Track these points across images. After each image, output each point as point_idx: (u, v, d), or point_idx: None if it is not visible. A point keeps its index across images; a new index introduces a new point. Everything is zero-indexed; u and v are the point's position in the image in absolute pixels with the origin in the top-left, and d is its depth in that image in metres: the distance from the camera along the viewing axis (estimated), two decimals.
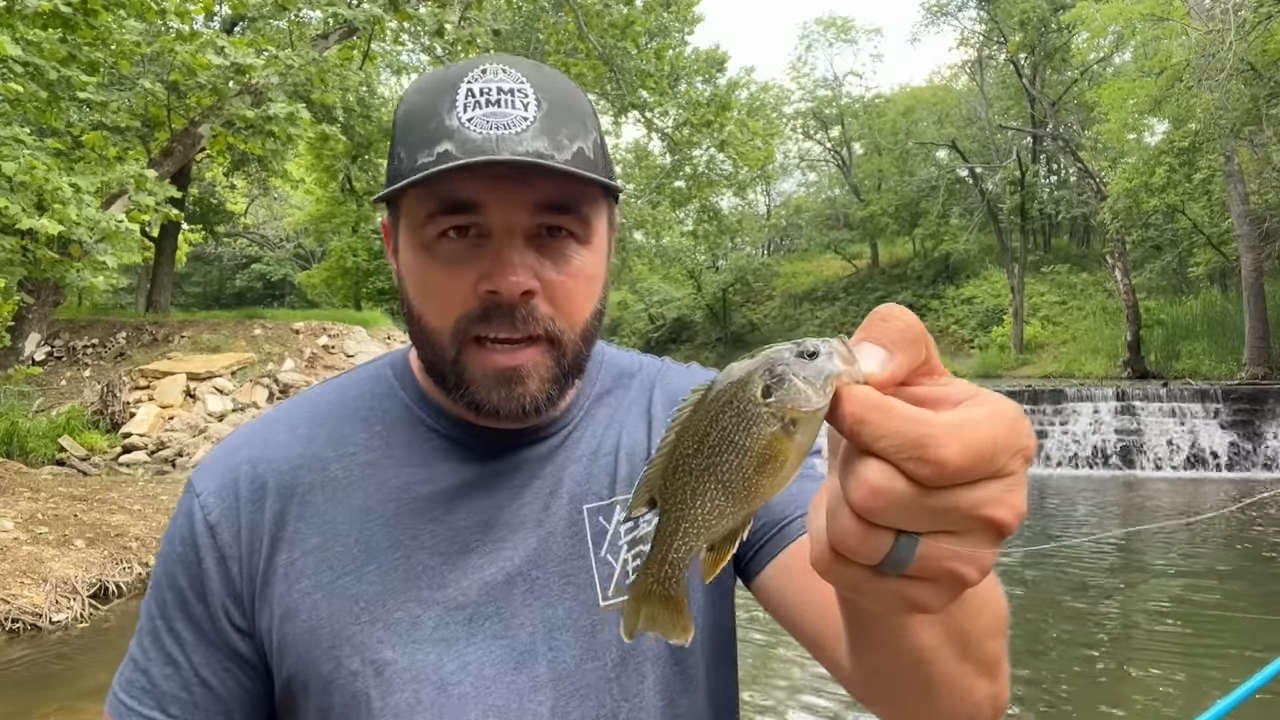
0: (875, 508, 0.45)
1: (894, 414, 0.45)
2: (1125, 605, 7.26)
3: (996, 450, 0.44)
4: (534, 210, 0.86)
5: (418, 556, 0.90)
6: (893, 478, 0.44)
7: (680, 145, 23.01)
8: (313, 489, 0.92)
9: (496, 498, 0.94)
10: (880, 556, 0.46)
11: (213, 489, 0.93)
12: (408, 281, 0.91)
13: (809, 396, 0.48)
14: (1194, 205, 22.22)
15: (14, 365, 11.08)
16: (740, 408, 0.50)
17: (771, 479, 0.51)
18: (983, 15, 32.29)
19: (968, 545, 0.47)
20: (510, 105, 0.85)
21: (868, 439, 0.45)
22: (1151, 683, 5.44)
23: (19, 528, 7.53)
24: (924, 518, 0.45)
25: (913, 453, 0.44)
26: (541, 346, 0.88)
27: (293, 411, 1.00)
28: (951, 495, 0.44)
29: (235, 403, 13.27)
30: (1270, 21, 16.02)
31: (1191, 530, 9.96)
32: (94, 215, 8.61)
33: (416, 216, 0.88)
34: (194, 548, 0.90)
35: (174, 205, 11.50)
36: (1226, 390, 14.36)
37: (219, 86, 10.97)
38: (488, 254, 0.86)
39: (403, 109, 0.90)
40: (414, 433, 0.96)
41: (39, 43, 8.52)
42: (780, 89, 42.00)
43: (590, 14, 17.05)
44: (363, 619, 0.87)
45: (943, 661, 0.65)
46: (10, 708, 5.16)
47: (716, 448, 0.52)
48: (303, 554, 0.89)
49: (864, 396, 0.46)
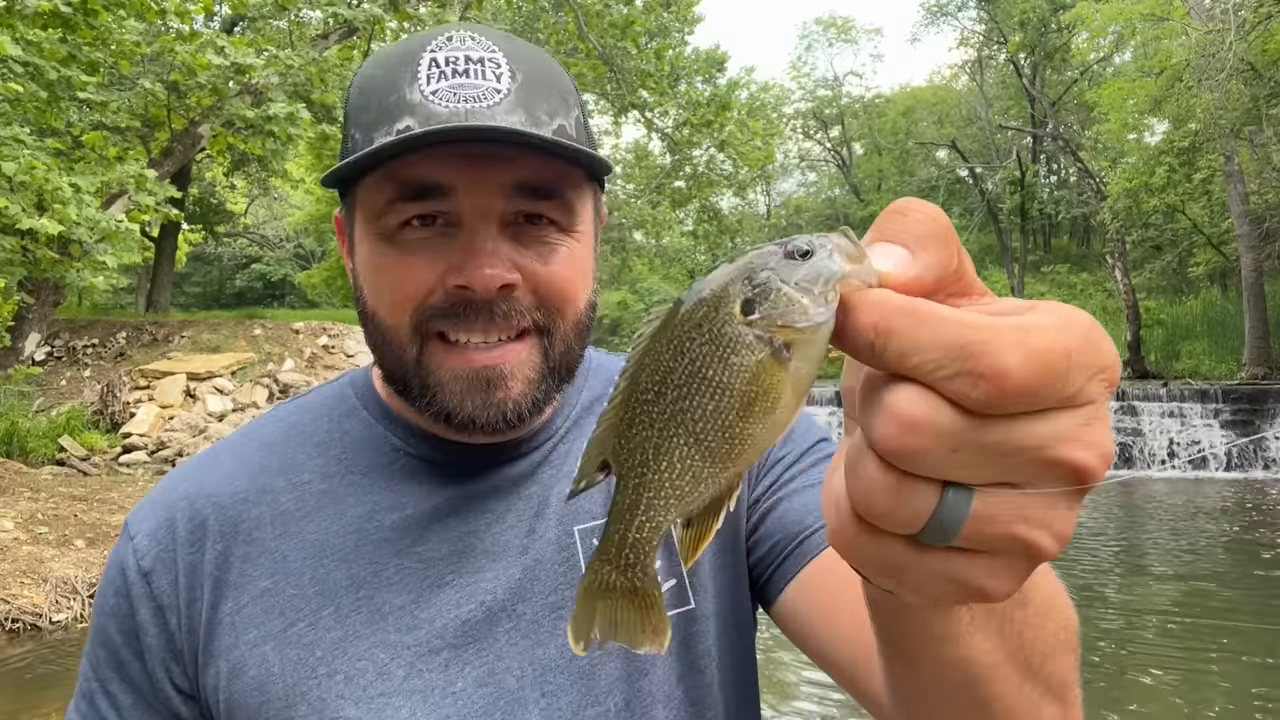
0: (911, 448, 0.33)
1: (930, 317, 0.34)
2: (1125, 609, 7.26)
3: (1071, 365, 0.33)
4: (510, 194, 0.74)
5: (383, 595, 0.77)
6: (933, 404, 0.33)
7: (680, 145, 23.01)
8: (260, 524, 0.80)
9: (473, 523, 0.81)
10: (921, 519, 0.35)
11: (147, 531, 0.81)
12: (363, 276, 0.79)
13: (805, 308, 0.37)
14: (1194, 205, 22.22)
15: (14, 365, 11.09)
16: (714, 331, 0.38)
17: (761, 425, 0.39)
18: (983, 15, 32.29)
19: (1043, 502, 0.35)
20: (480, 75, 0.73)
21: (896, 355, 0.34)
22: (1150, 688, 5.44)
23: (19, 528, 7.53)
24: (977, 461, 0.33)
25: (960, 365, 0.32)
26: (528, 341, 0.76)
27: (241, 439, 0.88)
28: (1014, 428, 0.33)
29: (235, 403, 13.27)
30: (1270, 21, 16.02)
31: (1191, 534, 9.96)
32: (94, 215, 8.61)
33: (374, 204, 0.75)
34: (127, 599, 0.79)
35: (174, 205, 11.50)
36: (1226, 390, 14.35)
37: (219, 86, 10.97)
38: (457, 244, 0.74)
39: (357, 84, 0.79)
40: (378, 454, 0.84)
41: (39, 43, 8.52)
42: (780, 89, 42.01)
43: (590, 14, 17.05)
44: (320, 671, 0.74)
45: (1002, 682, 0.50)
46: (10, 707, 5.16)
47: (685, 388, 0.39)
48: (250, 600, 0.77)
49: (885, 300, 0.35)
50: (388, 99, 0.74)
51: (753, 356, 0.38)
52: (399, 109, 0.72)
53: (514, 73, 0.74)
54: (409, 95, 0.73)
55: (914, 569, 0.36)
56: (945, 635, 0.48)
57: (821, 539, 0.80)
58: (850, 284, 0.36)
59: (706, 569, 0.85)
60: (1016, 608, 0.49)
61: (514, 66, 0.75)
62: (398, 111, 0.72)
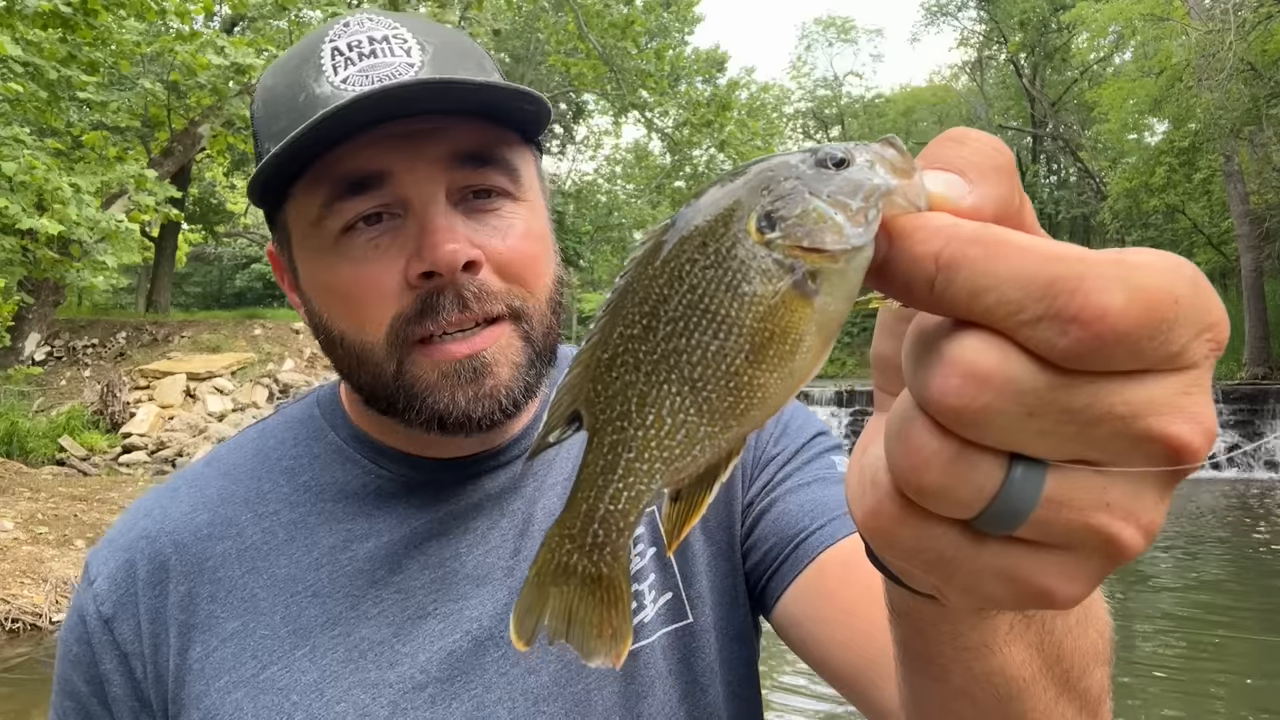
0: (978, 408, 0.27)
1: (1008, 247, 0.28)
2: (1125, 608, 7.26)
3: (1178, 315, 0.27)
4: (450, 165, 0.69)
5: (361, 631, 0.72)
6: (1008, 355, 0.27)
7: (680, 145, 22.99)
8: (226, 560, 0.75)
9: (453, 546, 0.76)
10: (983, 499, 0.28)
11: (107, 574, 0.76)
12: (318, 299, 0.73)
13: (840, 227, 0.30)
14: (1194, 205, 22.23)
15: (14, 365, 11.09)
16: (721, 252, 0.31)
17: (775, 374, 0.31)
18: (983, 15, 32.30)
19: (1128, 485, 0.28)
20: (389, 53, 0.69)
21: (965, 294, 0.28)
22: (1151, 690, 5.44)
23: (19, 528, 7.54)
24: (1057, 429, 0.27)
25: (1045, 306, 0.26)
26: (505, 325, 0.71)
27: (203, 469, 0.83)
28: (1104, 389, 0.27)
29: (235, 403, 13.28)
30: (1270, 21, 16.02)
31: (1191, 534, 9.96)
32: (94, 215, 8.61)
33: (309, 213, 0.70)
34: (89, 648, 0.74)
35: (174, 205, 11.50)
36: (1226, 390, 14.35)
37: (219, 86, 10.97)
38: (409, 231, 0.68)
39: (259, 99, 0.74)
40: (348, 478, 0.78)
41: (39, 43, 8.52)
42: (780, 89, 42.02)
43: (590, 14, 17.05)
44: (296, 717, 0.69)
45: (1037, 698, 0.45)
46: (10, 707, 5.16)
47: (681, 323, 0.31)
48: (220, 643, 0.72)
49: (950, 225, 0.29)
50: (296, 100, 0.69)
51: (769, 286, 0.30)
52: (310, 106, 0.67)
53: (423, 45, 0.71)
54: (318, 89, 0.68)
55: (966, 563, 0.30)
56: (979, 645, 0.42)
57: (820, 540, 0.75)
58: (895, 203, 0.30)
59: (704, 579, 0.81)
60: (1058, 615, 0.44)
61: (421, 39, 0.71)
62: (309, 109, 0.67)
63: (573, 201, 27.39)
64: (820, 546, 0.75)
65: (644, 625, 0.77)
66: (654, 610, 0.78)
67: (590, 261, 30.12)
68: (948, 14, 34.19)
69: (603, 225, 28.32)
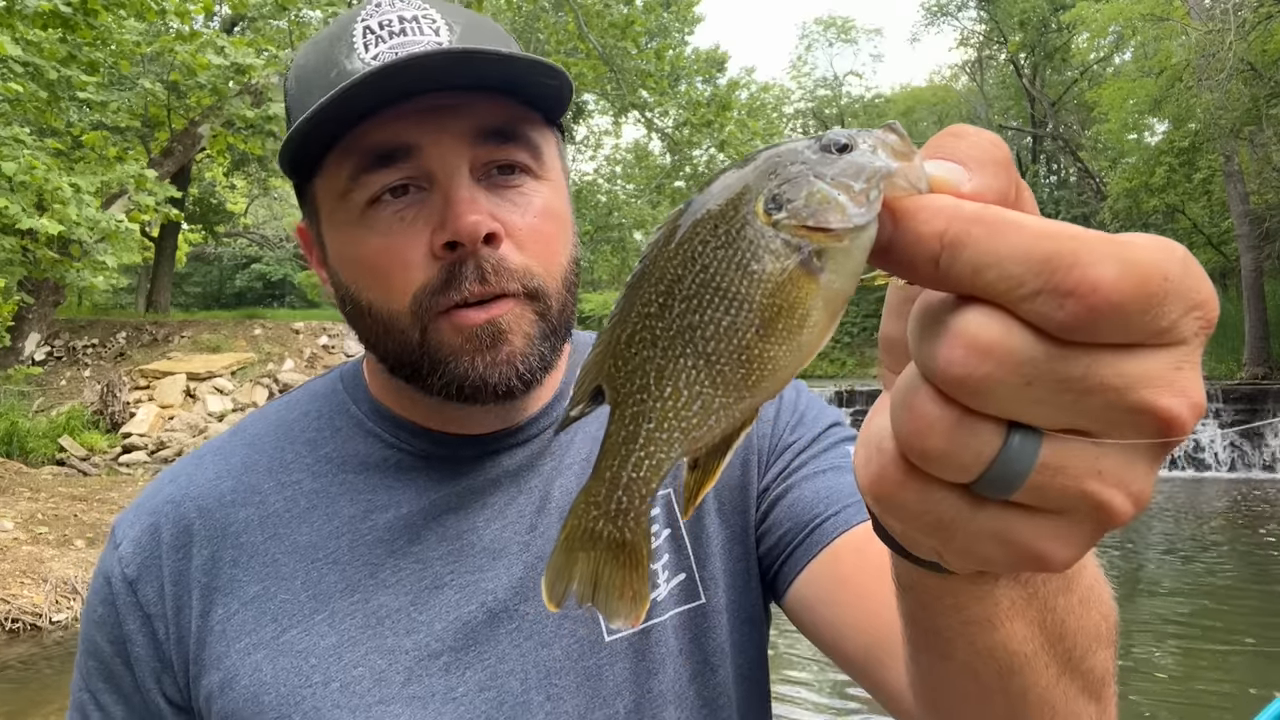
0: (980, 377, 0.29)
1: (1008, 225, 0.29)
2: (1125, 610, 7.26)
3: (1169, 291, 0.29)
4: (474, 140, 0.72)
5: (379, 598, 0.74)
6: (1008, 327, 0.29)
7: (680, 145, 22.99)
8: (249, 527, 0.77)
9: (471, 520, 0.78)
10: (982, 464, 0.30)
11: (132, 538, 0.78)
12: (345, 271, 0.75)
13: (843, 207, 0.32)
14: (1194, 205, 22.23)
15: (14, 365, 11.09)
16: (732, 233, 0.33)
17: (784, 347, 0.33)
18: (983, 15, 32.30)
19: (1120, 456, 0.30)
20: (418, 31, 0.72)
21: (968, 270, 0.29)
22: (1151, 689, 5.44)
23: (19, 528, 7.54)
24: (1053, 398, 0.29)
25: (1044, 281, 0.28)
26: (518, 300, 0.73)
27: (228, 439, 0.85)
28: (1098, 361, 0.29)
29: (235, 403, 13.28)
30: (1270, 21, 16.02)
31: (1191, 533, 9.96)
32: (94, 215, 8.62)
33: (337, 184, 0.72)
34: (113, 609, 0.76)
35: (174, 205, 11.51)
36: (1226, 390, 14.35)
37: (219, 86, 10.97)
38: (434, 204, 0.71)
39: (293, 75, 0.76)
40: (370, 451, 0.80)
41: (39, 43, 8.52)
42: (780, 89, 42.02)
43: (590, 14, 17.05)
44: (315, 679, 0.71)
45: (1040, 673, 0.46)
46: (10, 707, 5.16)
47: (695, 300, 0.34)
48: (240, 606, 0.74)
49: (952, 205, 0.30)
50: (328, 76, 0.71)
51: (778, 264, 0.32)
52: (341, 81, 0.69)
53: (451, 26, 0.73)
54: (350, 65, 0.70)
55: (964, 525, 0.32)
56: (982, 619, 0.43)
57: (834, 526, 0.76)
58: (897, 185, 0.32)
59: (718, 561, 0.82)
60: (1060, 594, 0.45)
61: (449, 20, 0.74)
62: (340, 84, 0.68)
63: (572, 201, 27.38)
64: (835, 532, 0.76)
65: (657, 604, 0.79)
66: (667, 590, 0.80)
67: (590, 261, 30.14)
68: (948, 14, 34.19)
69: (603, 225, 28.33)
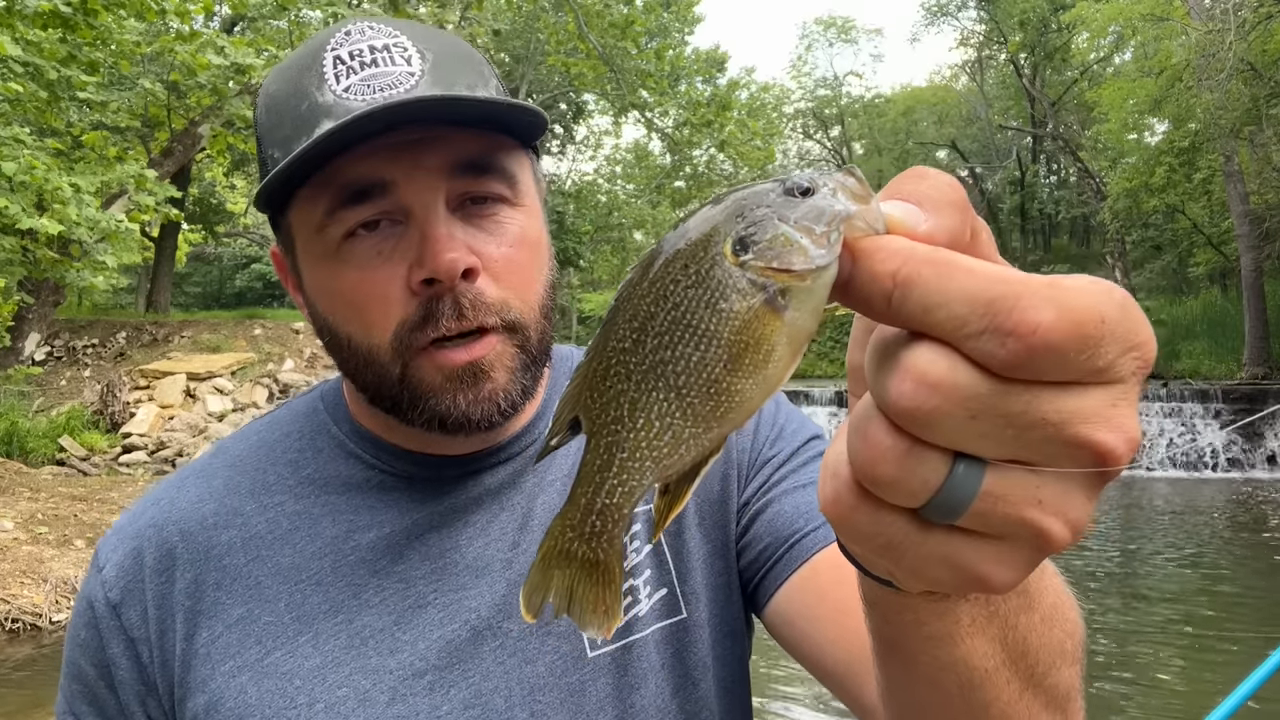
0: (928, 410, 0.31)
1: (956, 268, 0.31)
2: (1124, 609, 7.26)
3: (1105, 333, 0.30)
4: (449, 174, 0.71)
5: (362, 618, 0.75)
6: (954, 364, 0.31)
7: (680, 145, 23.00)
8: (232, 549, 0.77)
9: (454, 538, 0.78)
10: (928, 491, 0.32)
11: (115, 562, 0.78)
12: (322, 303, 0.75)
13: (805, 249, 0.33)
14: (1194, 205, 22.23)
15: (14, 365, 11.09)
16: (701, 273, 0.35)
17: (750, 380, 0.35)
18: (983, 15, 32.31)
19: (1058, 485, 0.32)
20: (389, 62, 0.71)
21: (918, 309, 0.31)
22: (1149, 689, 5.44)
23: (19, 528, 7.54)
24: (995, 431, 0.31)
25: (988, 321, 0.30)
26: (499, 335, 0.73)
27: (209, 460, 0.85)
28: (1038, 397, 0.31)
29: (235, 403, 13.28)
30: (1270, 21, 16.03)
31: (1190, 533, 9.96)
32: (94, 215, 8.62)
33: (312, 219, 0.72)
34: (97, 633, 0.76)
35: (174, 205, 11.51)
36: (1226, 390, 14.35)
37: (219, 86, 10.97)
38: (411, 239, 0.71)
39: (263, 104, 0.76)
40: (352, 472, 0.81)
41: (39, 43, 8.52)
42: (780, 89, 42.02)
43: (590, 14, 17.05)
44: (299, 701, 0.71)
45: (1002, 688, 0.48)
46: (10, 708, 5.16)
47: (667, 336, 0.35)
48: (225, 628, 0.74)
49: (905, 247, 0.32)
50: (299, 108, 0.71)
51: (744, 302, 0.34)
52: (314, 115, 0.70)
53: (423, 54, 0.72)
54: (320, 98, 0.70)
55: (913, 548, 0.34)
56: (942, 635, 0.45)
57: (814, 542, 0.77)
58: (856, 227, 0.34)
59: (699, 576, 0.83)
60: (1022, 612, 0.47)
61: (421, 47, 0.73)
62: (313, 117, 0.69)
63: (573, 201, 27.35)
64: (814, 548, 0.77)
65: (638, 619, 0.80)
66: (649, 605, 0.81)
67: (590, 261, 30.11)
68: (948, 14, 34.19)
69: (603, 225, 28.31)
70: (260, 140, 0.76)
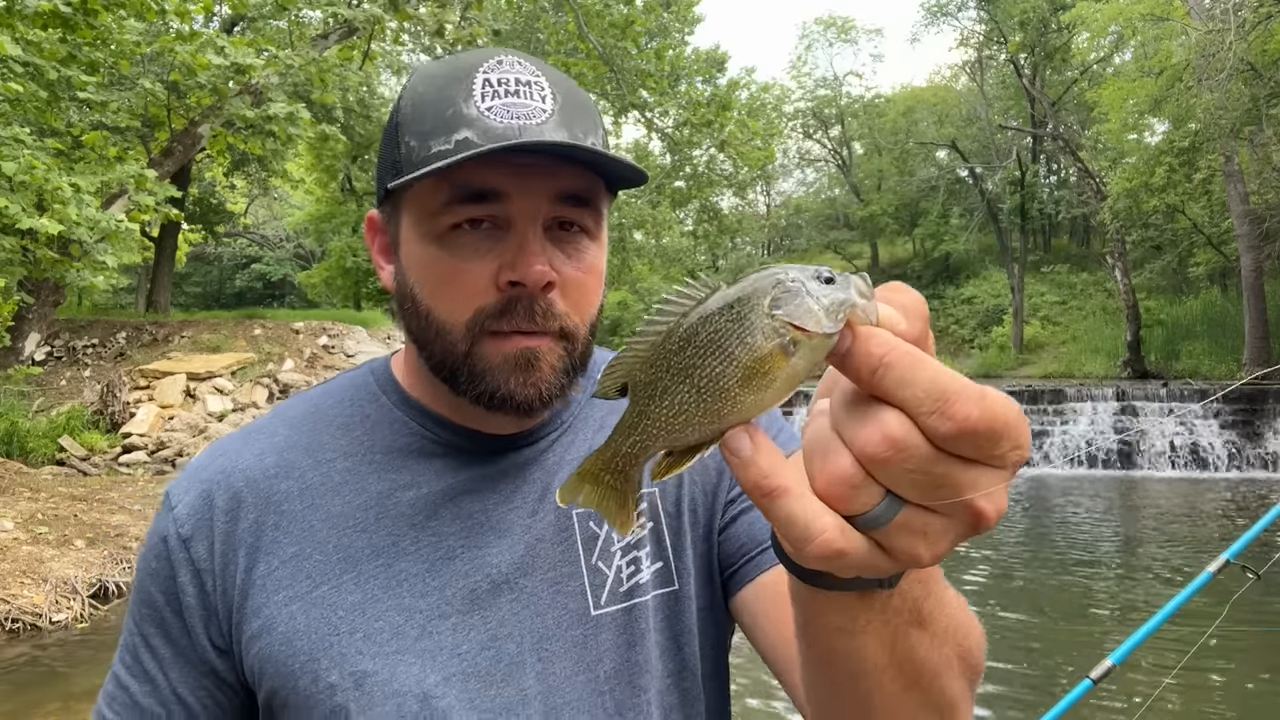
0: (885, 460, 0.43)
1: (925, 363, 0.43)
2: (1123, 606, 7.25)
3: (1007, 430, 0.42)
4: (554, 201, 0.84)
5: (399, 564, 0.86)
6: (911, 431, 0.42)
7: (680, 145, 23.00)
8: (289, 496, 0.88)
9: (482, 502, 0.90)
10: (861, 510, 0.45)
11: (187, 503, 0.89)
12: (414, 275, 0.87)
13: (819, 319, 0.45)
14: (1194, 205, 22.23)
15: (14, 365, 11.09)
16: (741, 313, 0.47)
17: (752, 396, 0.48)
18: (983, 15, 32.28)
19: (941, 528, 0.45)
20: (529, 96, 0.83)
21: (893, 384, 0.43)
22: (1148, 689, 5.44)
23: (19, 528, 7.54)
24: (921, 483, 0.43)
25: (938, 405, 0.42)
26: (554, 338, 0.86)
27: (270, 420, 0.97)
28: (955, 467, 0.43)
29: (235, 403, 13.27)
30: (1270, 21, 16.02)
31: (1189, 533, 9.95)
32: (94, 215, 8.61)
33: (427, 206, 0.84)
34: (168, 563, 0.87)
35: (174, 205, 11.50)
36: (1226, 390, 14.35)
37: (219, 86, 10.97)
38: (509, 244, 0.83)
39: (410, 96, 0.87)
40: (396, 437, 0.93)
41: (39, 43, 8.52)
42: (780, 89, 42.02)
43: (590, 14, 17.04)
44: (342, 629, 0.83)
45: (884, 685, 0.60)
46: (10, 707, 5.16)
47: (704, 349, 0.48)
48: (280, 563, 0.86)
49: (890, 338, 0.44)
50: (444, 112, 0.82)
51: (766, 342, 0.46)
52: (457, 121, 0.81)
53: (555, 95, 0.84)
54: (466, 110, 0.82)
55: (842, 540, 0.47)
56: (839, 628, 0.58)
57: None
58: (857, 314, 0.45)
59: (689, 555, 0.96)
60: (914, 627, 0.59)
61: (554, 90, 0.85)
62: (455, 123, 0.81)
63: None
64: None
65: (639, 586, 0.93)
66: (649, 574, 0.94)
67: None
68: (948, 14, 34.15)
69: None
70: (398, 126, 0.86)
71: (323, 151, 20.96)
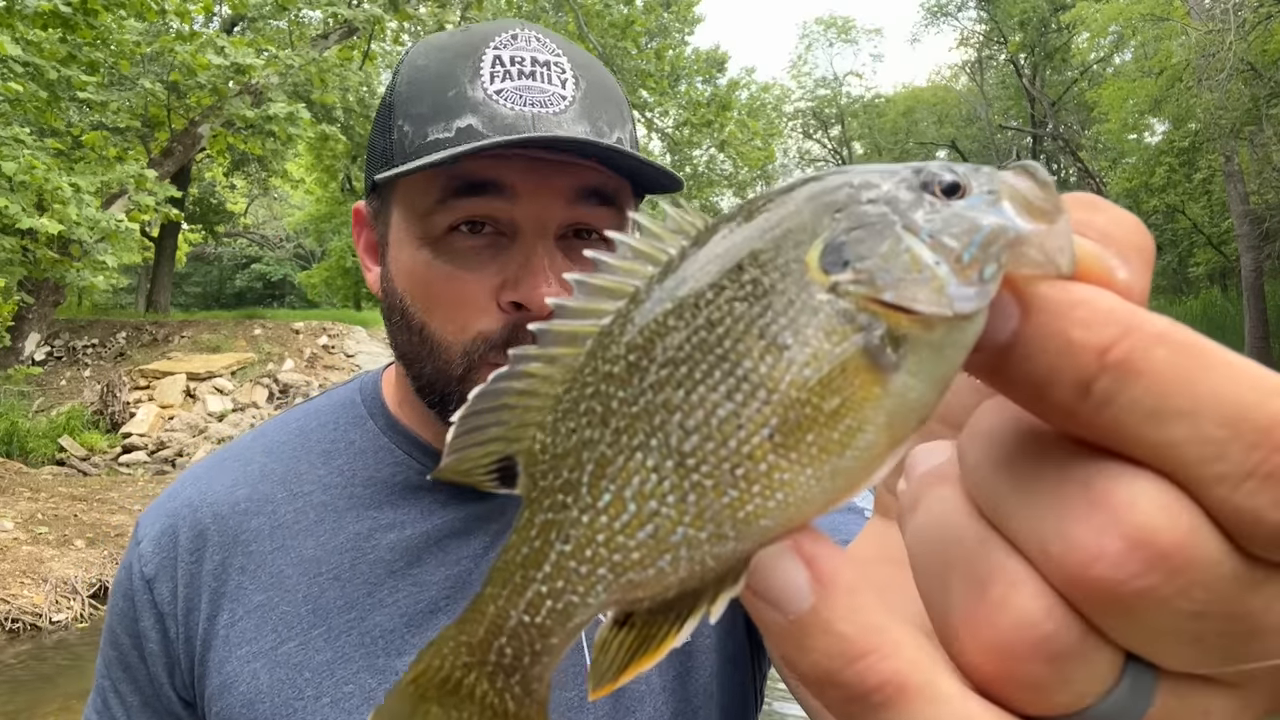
0: (1137, 589, 0.19)
1: (1207, 358, 0.19)
2: None
3: None
4: (570, 201, 0.72)
5: (374, 617, 0.75)
6: (1196, 523, 0.19)
7: (680, 145, 23.00)
8: (259, 536, 0.78)
9: (472, 548, 0.79)
10: (1077, 705, 0.20)
11: (152, 536, 0.80)
12: (404, 283, 0.75)
13: (943, 284, 0.21)
14: (1194, 205, 22.24)
15: (14, 365, 11.09)
16: (763, 282, 0.22)
17: (813, 470, 0.21)
18: (983, 15, 32.30)
19: (1228, 702, 0.21)
20: (546, 80, 0.70)
21: (1139, 413, 0.19)
22: None
23: (19, 528, 7.54)
24: (1212, 633, 0.19)
25: (1259, 458, 0.18)
26: None
27: (248, 444, 0.86)
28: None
29: (235, 403, 13.28)
30: (1270, 21, 16.03)
31: None
32: (94, 215, 8.62)
33: (421, 203, 0.72)
34: (132, 604, 0.79)
35: (174, 205, 11.51)
36: None
37: (219, 86, 10.97)
38: (513, 257, 0.71)
39: (408, 72, 0.74)
40: (380, 467, 0.82)
41: (39, 43, 8.52)
42: (780, 89, 42.02)
43: (590, 14, 17.05)
44: (307, 694, 0.72)
45: None
46: (10, 707, 5.16)
47: (682, 367, 0.22)
48: (245, 613, 0.76)
49: (1122, 309, 0.20)
50: (445, 93, 0.70)
51: (827, 344, 0.21)
52: (459, 105, 0.69)
53: (578, 80, 0.72)
54: (471, 92, 0.69)
55: None
56: None
57: None
58: (1029, 259, 0.21)
59: None
60: None
61: (577, 73, 0.72)
62: (458, 107, 0.69)
63: None
64: None
65: None
66: None
67: None
68: (948, 14, 34.18)
69: None
70: (391, 105, 0.75)
71: (323, 151, 20.96)
